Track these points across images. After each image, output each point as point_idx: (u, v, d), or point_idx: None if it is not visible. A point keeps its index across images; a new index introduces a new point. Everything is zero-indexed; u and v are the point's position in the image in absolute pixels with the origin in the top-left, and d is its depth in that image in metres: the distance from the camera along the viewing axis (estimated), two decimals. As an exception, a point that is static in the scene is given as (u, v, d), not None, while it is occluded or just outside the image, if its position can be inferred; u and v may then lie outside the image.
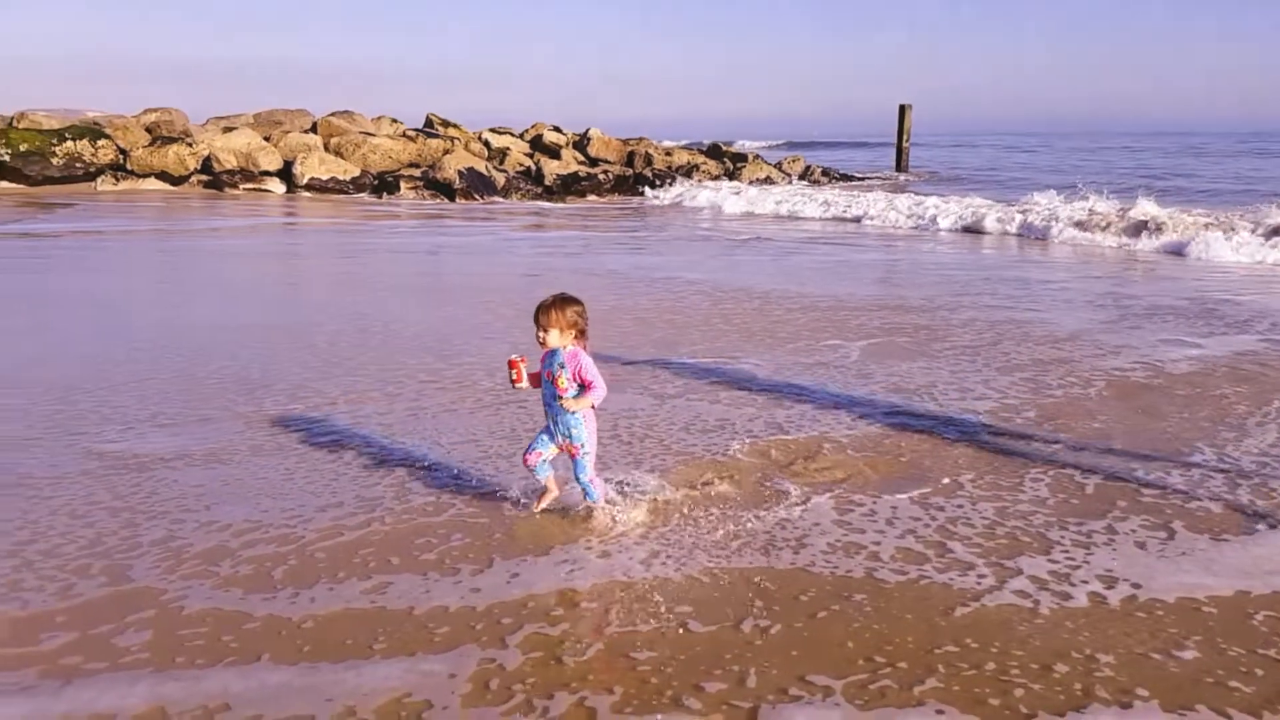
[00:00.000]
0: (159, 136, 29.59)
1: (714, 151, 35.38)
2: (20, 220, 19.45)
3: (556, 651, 3.39)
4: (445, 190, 28.96)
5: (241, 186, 28.98)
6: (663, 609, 3.70)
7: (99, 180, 28.22)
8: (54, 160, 27.95)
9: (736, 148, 41.54)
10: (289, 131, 30.49)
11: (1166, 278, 13.19)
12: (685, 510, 4.59)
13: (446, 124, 32.50)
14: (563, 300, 4.20)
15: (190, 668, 3.25)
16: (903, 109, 38.18)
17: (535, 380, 4.36)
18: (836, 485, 4.99)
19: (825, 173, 36.12)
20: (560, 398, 4.20)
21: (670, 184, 29.83)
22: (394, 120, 31.99)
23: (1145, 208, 18.08)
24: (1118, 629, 3.58)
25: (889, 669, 3.30)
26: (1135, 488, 4.98)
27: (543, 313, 4.18)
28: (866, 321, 9.44)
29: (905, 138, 38.44)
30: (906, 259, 15.98)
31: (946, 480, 5.08)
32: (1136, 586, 3.90)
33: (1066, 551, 4.22)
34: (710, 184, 30.26)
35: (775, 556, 4.14)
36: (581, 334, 4.22)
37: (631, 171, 31.43)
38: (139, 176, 28.90)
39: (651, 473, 5.04)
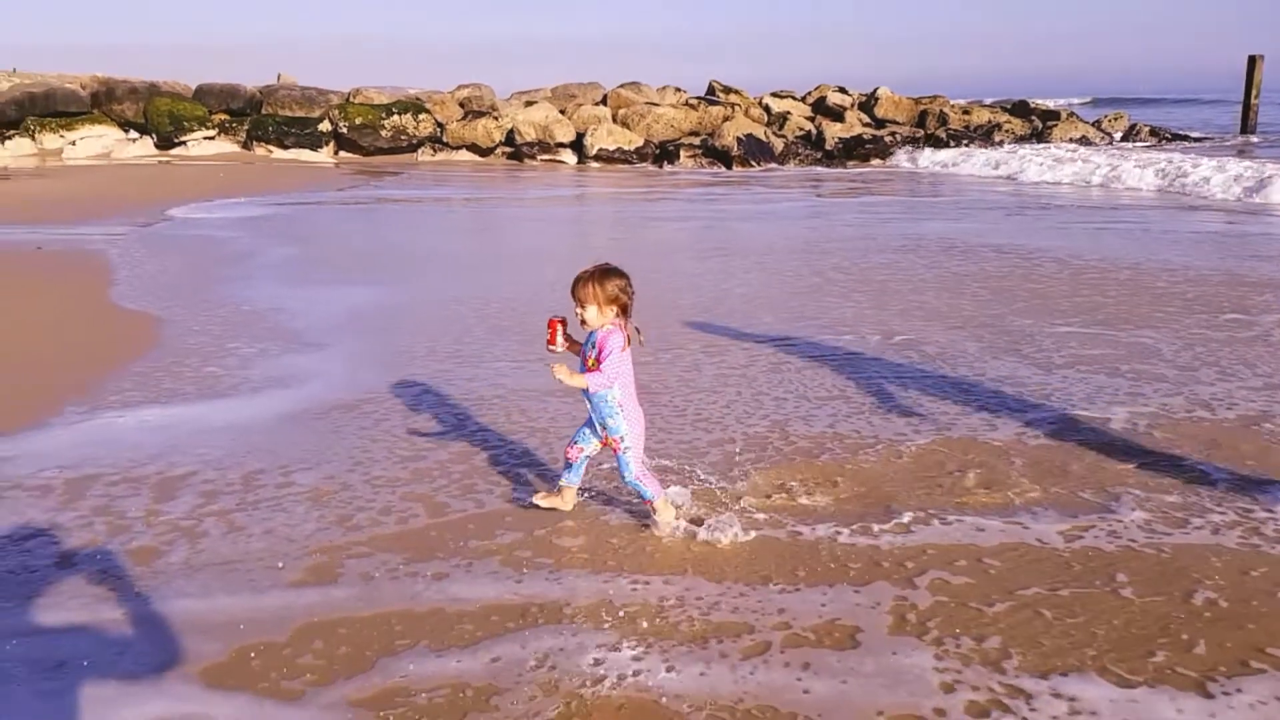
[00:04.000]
0: (470, 111, 32.24)
1: (1019, 109, 32.76)
2: (356, 187, 22.00)
3: (963, 598, 3.39)
4: (722, 158, 29.28)
5: (539, 158, 30.99)
6: (1096, 580, 3.58)
7: (420, 151, 31.30)
8: (383, 133, 31.26)
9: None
10: (581, 104, 32.09)
11: None
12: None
13: (728, 90, 32.73)
14: (603, 272, 3.59)
15: (619, 571, 3.57)
16: (1252, 60, 33.12)
17: (579, 350, 3.82)
18: None
19: (1154, 132, 32.25)
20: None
21: (966, 144, 28.22)
22: (678, 89, 32.69)
23: None
24: None
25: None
26: None
27: (579, 286, 3.58)
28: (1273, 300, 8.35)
29: (1254, 93, 33.38)
30: None
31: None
32: None
33: None
34: (1010, 145, 28.23)
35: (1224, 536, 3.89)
36: (624, 310, 3.63)
37: (922, 132, 30.07)
38: (452, 148, 31.72)
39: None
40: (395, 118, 31.34)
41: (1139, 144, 30.07)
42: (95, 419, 5.28)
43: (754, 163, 28.31)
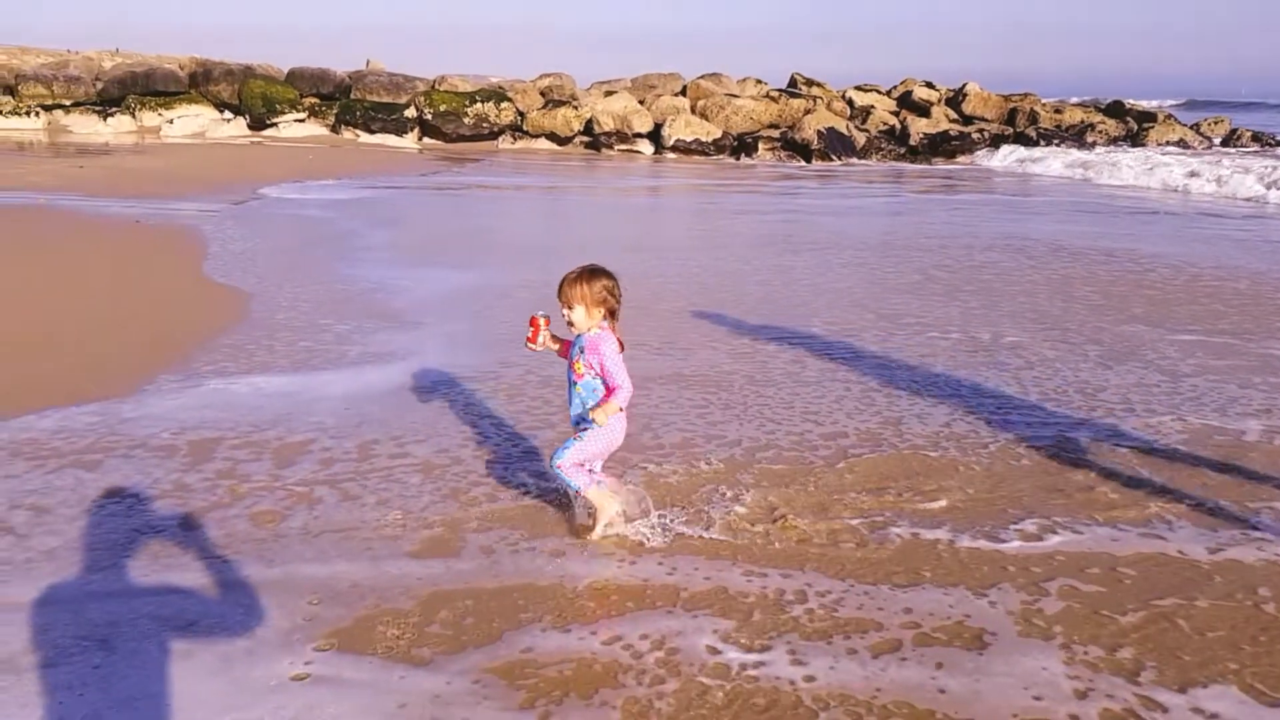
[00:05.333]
0: (550, 100, 32.44)
1: (1114, 109, 31.72)
2: (439, 173, 22.29)
3: (1095, 606, 3.27)
4: (802, 151, 28.90)
5: (616, 148, 31.03)
6: (1238, 594, 3.41)
7: (500, 139, 31.62)
8: (465, 120, 31.66)
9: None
10: (660, 95, 32.01)
11: None
12: None
13: (810, 82, 32.31)
14: (590, 272, 3.52)
15: (733, 561, 3.52)
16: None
17: (567, 349, 3.73)
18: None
19: (1256, 138, 30.86)
20: (576, 384, 3.60)
21: (1058, 144, 27.37)
22: (758, 81, 32.41)
23: None
24: None
25: None
26: None
27: (565, 287, 3.49)
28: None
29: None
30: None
31: None
32: None
33: None
34: (1104, 148, 27.31)
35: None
36: (611, 314, 3.55)
37: (1011, 131, 29.27)
38: (532, 136, 31.96)
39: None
40: (478, 105, 31.68)
41: (1241, 150, 28.79)
42: (207, 384, 5.41)
43: (834, 157, 27.89)
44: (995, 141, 28.57)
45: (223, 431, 4.70)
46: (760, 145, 29.16)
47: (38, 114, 29.55)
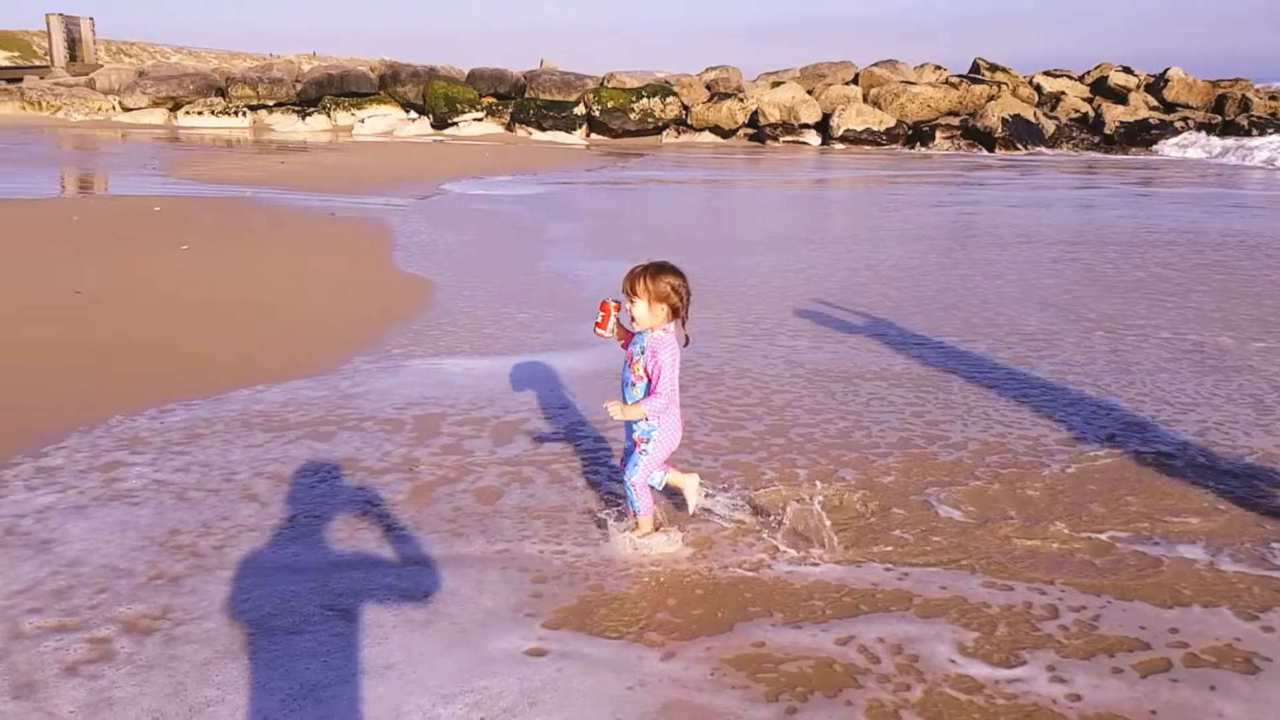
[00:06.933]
0: (716, 93, 32.36)
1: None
2: (605, 168, 22.62)
3: None
4: (984, 139, 27.55)
5: (781, 139, 30.60)
6: None
7: (664, 133, 31.83)
8: (631, 115, 32.08)
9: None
10: (831, 84, 31.33)
11: None
12: None
13: (994, 68, 30.75)
14: (657, 267, 3.37)
15: (971, 571, 3.31)
16: None
17: (629, 341, 3.54)
18: None
19: None
20: (634, 385, 3.41)
21: (1273, 133, 24.90)
22: (937, 67, 31.14)
23: None
24: None
25: None
26: None
27: (631, 279, 3.37)
28: None
29: None
30: None
31: None
32: None
33: None
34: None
35: None
36: (675, 312, 3.37)
37: (1219, 119, 26.84)
38: (695, 130, 32.01)
39: None
40: (644, 101, 32.01)
41: None
42: (415, 363, 5.64)
43: (1020, 145, 26.43)
44: (1200, 130, 26.26)
45: (444, 408, 4.88)
46: (938, 133, 28.01)
47: (244, 113, 32.17)
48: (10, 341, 5.89)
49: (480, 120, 31.65)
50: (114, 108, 33.08)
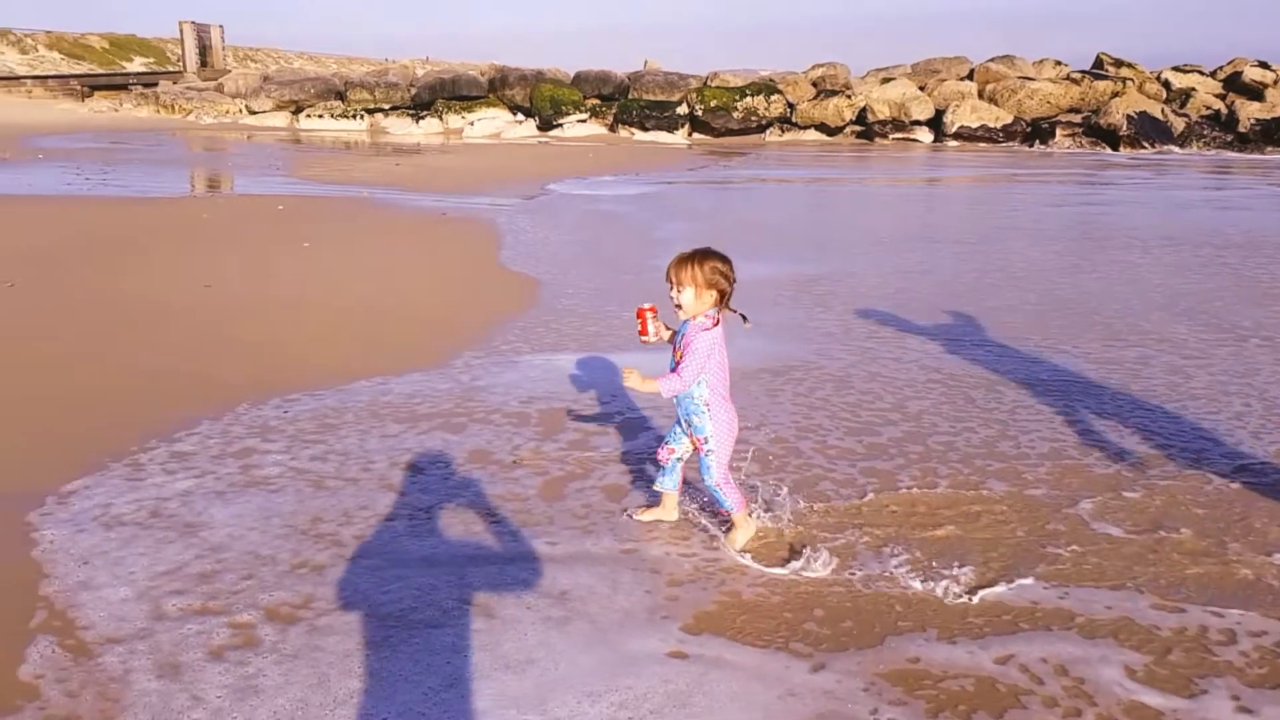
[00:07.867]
0: (822, 90, 31.84)
1: None
2: (708, 167, 22.46)
3: None
4: (1107, 137, 26.28)
5: (891, 136, 29.86)
6: None
7: (768, 132, 31.48)
8: (734, 114, 31.84)
9: None
10: (944, 80, 30.41)
11: None
12: None
13: (1119, 63, 29.31)
14: (701, 253, 3.33)
15: (1137, 591, 3.07)
16: None
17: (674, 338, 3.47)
18: None
19: None
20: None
21: None
22: (1058, 63, 29.89)
23: None
24: None
25: None
26: None
27: (675, 267, 3.32)
28: None
29: None
30: None
31: None
32: None
33: None
34: None
35: None
36: (722, 297, 3.32)
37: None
38: (800, 128, 31.55)
39: None
40: (747, 99, 31.75)
41: None
42: (532, 358, 5.65)
43: (1146, 144, 25.10)
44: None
45: (567, 402, 4.88)
46: (1058, 131, 26.86)
47: (361, 117, 33.29)
48: (144, 330, 6.17)
49: (584, 121, 31.93)
50: (241, 111, 34.73)
